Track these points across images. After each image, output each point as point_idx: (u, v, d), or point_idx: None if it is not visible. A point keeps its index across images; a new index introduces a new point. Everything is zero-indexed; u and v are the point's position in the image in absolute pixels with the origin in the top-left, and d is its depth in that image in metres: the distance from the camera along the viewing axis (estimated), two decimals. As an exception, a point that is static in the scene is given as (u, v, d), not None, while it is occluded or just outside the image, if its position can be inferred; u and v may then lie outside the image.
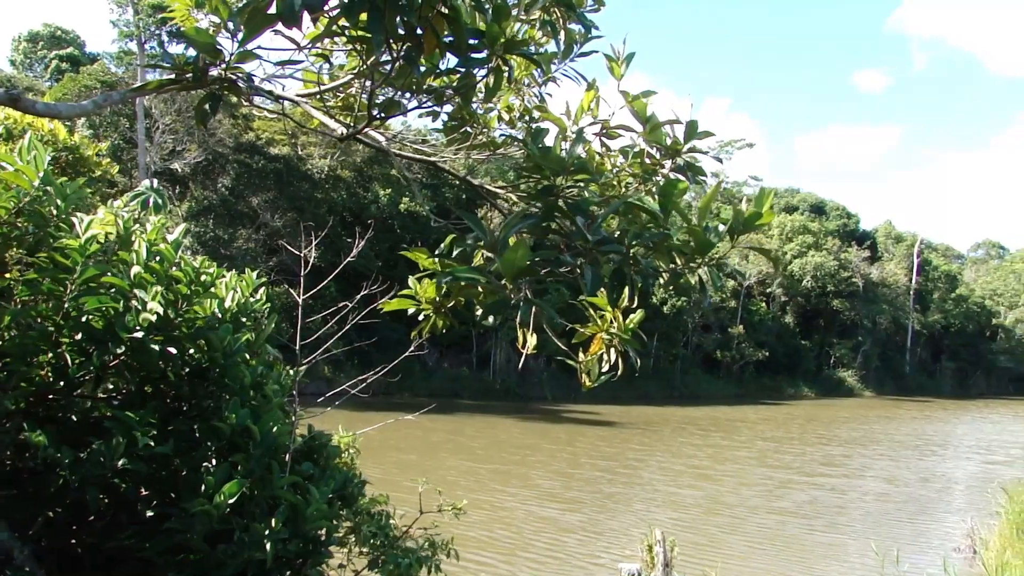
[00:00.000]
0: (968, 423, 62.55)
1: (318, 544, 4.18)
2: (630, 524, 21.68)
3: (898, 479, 31.48)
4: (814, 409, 67.07)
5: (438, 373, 60.54)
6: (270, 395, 4.21)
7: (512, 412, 50.22)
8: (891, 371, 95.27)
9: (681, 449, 37.92)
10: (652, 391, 67.46)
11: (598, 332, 3.50)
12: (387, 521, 6.11)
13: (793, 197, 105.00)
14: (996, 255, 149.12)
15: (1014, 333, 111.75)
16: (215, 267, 4.14)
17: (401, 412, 8.22)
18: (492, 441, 37.17)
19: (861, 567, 17.52)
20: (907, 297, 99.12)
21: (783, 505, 25.43)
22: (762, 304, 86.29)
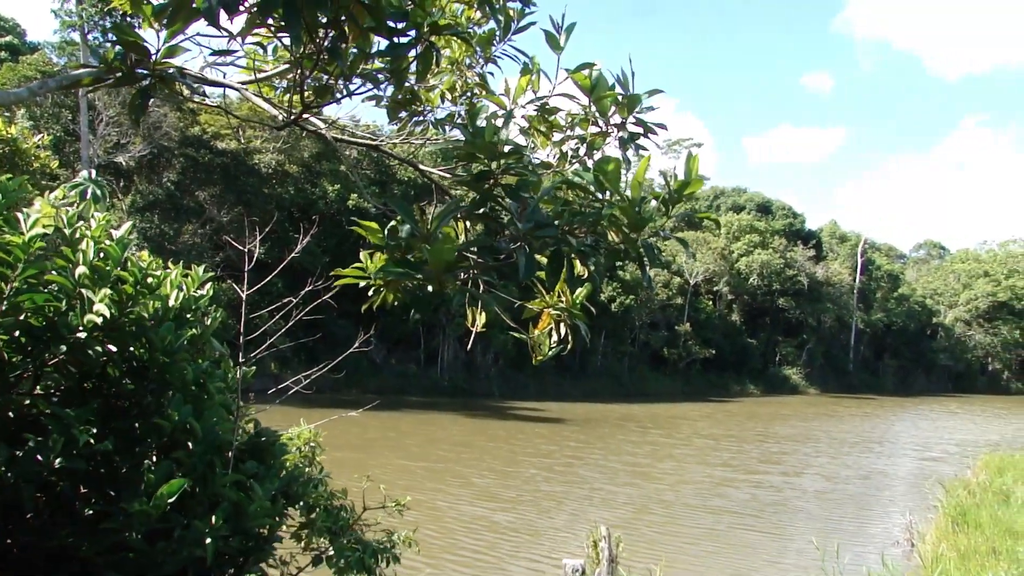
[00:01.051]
0: (907, 420, 63.50)
1: (261, 541, 4.15)
2: (565, 523, 21.57)
3: (838, 476, 31.68)
4: (756, 407, 67.65)
5: (385, 370, 60.27)
6: (213, 392, 4.16)
7: (458, 409, 50.05)
8: (835, 369, 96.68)
9: (622, 447, 37.77)
10: (600, 388, 67.82)
11: (546, 307, 3.51)
12: (344, 514, 6.07)
13: (740, 197, 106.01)
14: (937, 255, 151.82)
15: (953, 332, 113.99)
16: (161, 266, 4.09)
17: (347, 409, 8.15)
18: (430, 438, 36.80)
19: (802, 563, 17.64)
20: (851, 296, 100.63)
21: (722, 503, 25.35)
22: (709, 302, 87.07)
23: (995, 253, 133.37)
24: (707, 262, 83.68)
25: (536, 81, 3.64)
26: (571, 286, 3.53)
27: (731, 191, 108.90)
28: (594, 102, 3.40)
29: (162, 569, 3.57)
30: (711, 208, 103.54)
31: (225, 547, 3.82)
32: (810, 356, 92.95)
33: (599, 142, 3.52)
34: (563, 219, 3.13)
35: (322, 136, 3.83)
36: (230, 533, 3.79)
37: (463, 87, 4.00)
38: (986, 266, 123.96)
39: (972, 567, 14.06)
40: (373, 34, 2.82)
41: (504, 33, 3.76)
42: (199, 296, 4.20)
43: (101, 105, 45.99)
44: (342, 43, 2.81)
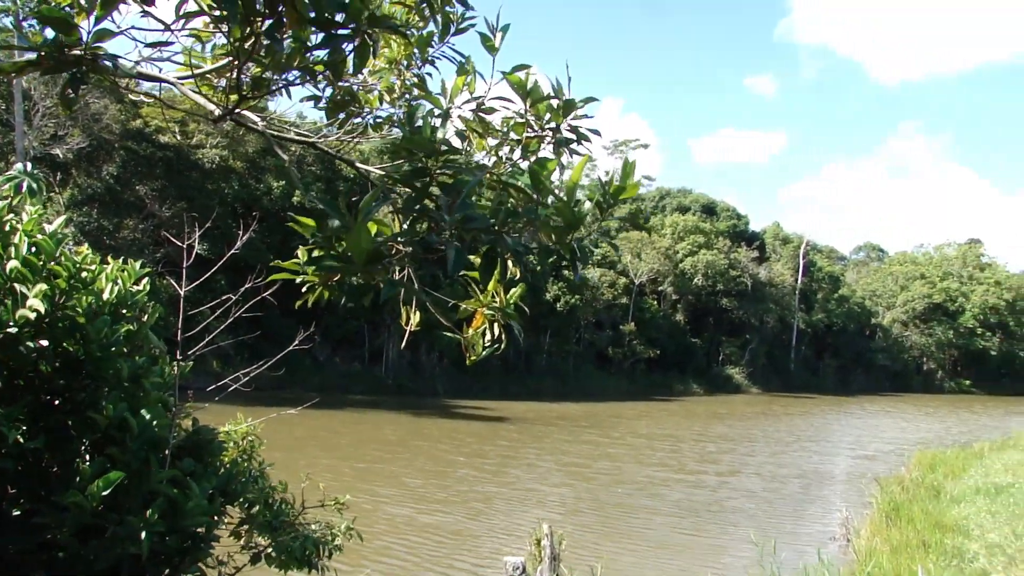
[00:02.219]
0: (845, 419, 64.43)
1: (198, 540, 4.12)
2: (495, 525, 21.42)
3: (775, 475, 31.91)
4: (697, 406, 68.10)
5: (329, 368, 59.88)
6: (149, 389, 4.12)
7: (401, 408, 49.74)
8: (777, 368, 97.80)
9: (559, 446, 37.64)
10: (544, 387, 67.98)
11: (480, 307, 3.53)
12: (285, 507, 6.02)
13: (685, 197, 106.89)
14: (876, 257, 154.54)
15: (891, 332, 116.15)
16: (97, 260, 4.04)
17: (288, 407, 8.08)
18: (363, 438, 36.41)
19: (740, 560, 17.81)
20: (793, 297, 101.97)
21: (658, 503, 25.35)
22: (654, 302, 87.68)
23: (931, 256, 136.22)
24: (652, 262, 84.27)
25: (472, 82, 3.65)
26: (505, 286, 3.55)
27: (676, 192, 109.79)
28: (529, 106, 3.42)
29: (93, 567, 3.52)
30: (657, 208, 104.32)
31: (161, 546, 3.78)
32: (753, 356, 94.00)
33: (534, 145, 3.55)
34: (498, 218, 3.15)
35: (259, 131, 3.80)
36: (166, 531, 3.75)
37: (401, 87, 4.00)
38: (922, 268, 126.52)
39: (903, 560, 14.37)
40: (310, 25, 2.81)
41: (443, 34, 3.78)
42: (136, 291, 4.15)
43: (37, 95, 44.92)
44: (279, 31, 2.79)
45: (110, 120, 49.05)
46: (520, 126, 3.52)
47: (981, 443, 36.88)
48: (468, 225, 2.99)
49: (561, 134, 3.51)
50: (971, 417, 70.10)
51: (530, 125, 3.50)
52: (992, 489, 21.35)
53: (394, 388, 60.20)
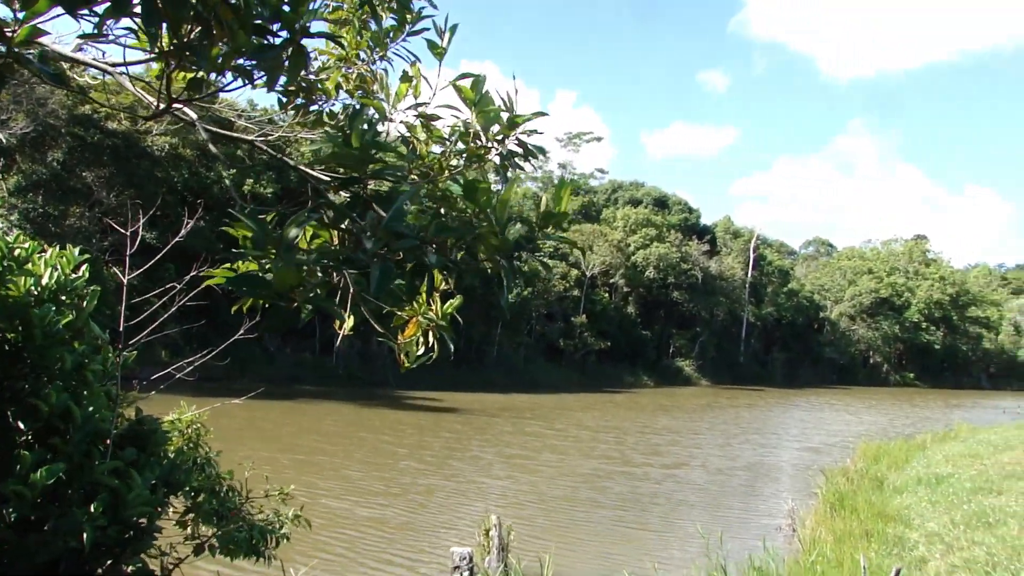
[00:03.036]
0: (792, 411, 65.04)
1: (140, 531, 4.08)
2: (439, 519, 21.15)
3: (722, 467, 31.98)
4: (646, 398, 68.40)
5: (279, 358, 59.45)
6: (91, 378, 4.08)
7: (350, 398, 49.38)
8: (727, 361, 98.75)
9: (506, 438, 37.28)
10: (496, 379, 68.08)
11: (414, 316, 3.54)
12: (231, 496, 5.98)
13: (638, 191, 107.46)
14: (825, 252, 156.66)
15: (838, 326, 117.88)
16: (31, 242, 3.99)
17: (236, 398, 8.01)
18: (305, 428, 35.91)
19: (687, 551, 17.90)
20: (743, 290, 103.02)
21: (602, 495, 25.14)
22: (605, 294, 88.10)
23: (878, 251, 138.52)
24: (604, 255, 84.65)
25: (417, 87, 3.64)
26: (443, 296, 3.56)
27: (629, 185, 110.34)
28: (476, 116, 3.42)
29: (33, 560, 3.49)
30: (609, 201, 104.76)
31: (102, 537, 3.74)
32: (703, 348, 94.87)
33: (480, 155, 3.55)
34: (430, 231, 3.14)
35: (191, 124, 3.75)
36: (108, 523, 3.71)
37: (355, 84, 3.97)
38: (870, 264, 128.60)
39: (846, 549, 14.61)
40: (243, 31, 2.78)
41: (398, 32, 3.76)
42: (75, 278, 4.09)
43: (-24, 80, 43.93)
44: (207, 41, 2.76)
45: (56, 105, 48.10)
46: (466, 136, 3.52)
47: (923, 435, 37.53)
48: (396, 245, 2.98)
49: (507, 147, 3.51)
50: (914, 410, 71.26)
51: (477, 136, 3.50)
52: (933, 479, 21.76)
53: (345, 378, 59.88)
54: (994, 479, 20.33)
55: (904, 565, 12.94)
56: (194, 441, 6.08)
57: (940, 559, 13.18)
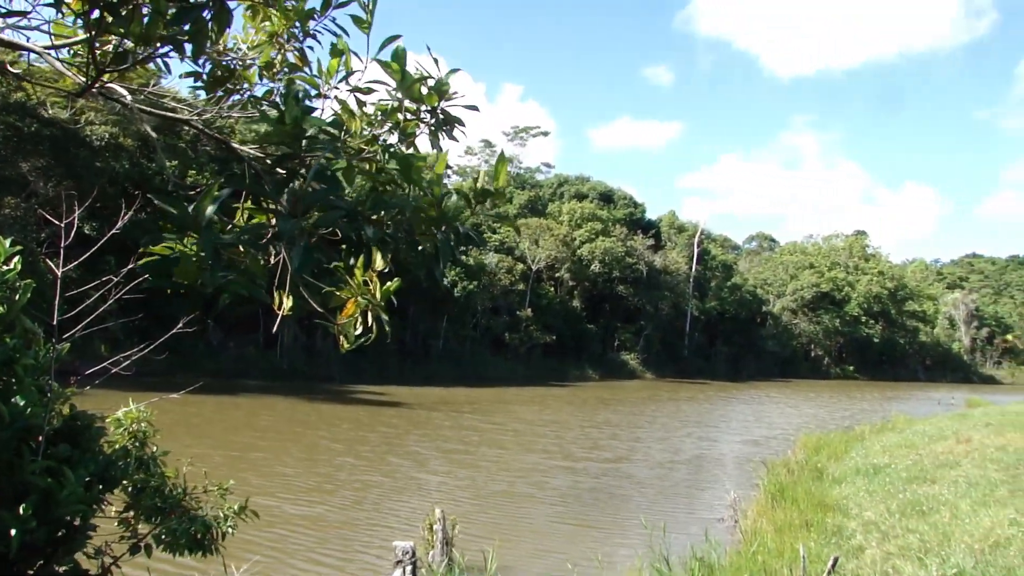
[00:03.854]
0: (734, 404, 65.54)
1: (73, 530, 3.98)
2: (374, 516, 20.72)
3: (664, 460, 31.99)
4: (590, 391, 68.42)
5: (224, 352, 58.83)
6: (23, 373, 3.98)
7: (294, 393, 48.85)
8: (671, 354, 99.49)
9: (446, 432, 36.97)
10: (441, 373, 68.01)
11: (351, 296, 3.52)
12: (174, 491, 5.88)
13: (583, 185, 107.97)
14: (768, 247, 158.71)
15: (781, 320, 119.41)
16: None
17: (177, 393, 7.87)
18: (240, 424, 35.12)
19: (629, 545, 17.97)
20: (687, 284, 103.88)
21: (545, 491, 24.95)
22: (551, 288, 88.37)
23: (820, 246, 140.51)
24: (550, 249, 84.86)
25: (348, 61, 3.60)
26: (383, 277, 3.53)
27: (575, 179, 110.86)
28: (404, 88, 3.40)
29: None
30: (555, 195, 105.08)
31: (31, 538, 3.65)
32: (647, 342, 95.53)
33: (411, 128, 3.53)
34: (366, 206, 3.13)
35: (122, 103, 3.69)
36: (37, 523, 3.62)
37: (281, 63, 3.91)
38: (811, 258, 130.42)
39: (787, 539, 14.83)
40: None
41: (324, 7, 3.70)
42: (7, 271, 3.99)
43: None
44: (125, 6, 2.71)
45: (-12, 93, 47.02)
46: (396, 109, 3.49)
47: (862, 426, 38.08)
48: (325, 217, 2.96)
49: (438, 116, 3.50)
50: (853, 402, 72.34)
51: (406, 108, 3.48)
52: (870, 470, 22.14)
53: (289, 373, 59.43)
54: (928, 468, 20.75)
55: (842, 554, 13.17)
56: (140, 439, 5.98)
57: (876, 547, 13.43)
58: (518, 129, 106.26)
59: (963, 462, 20.89)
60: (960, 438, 25.42)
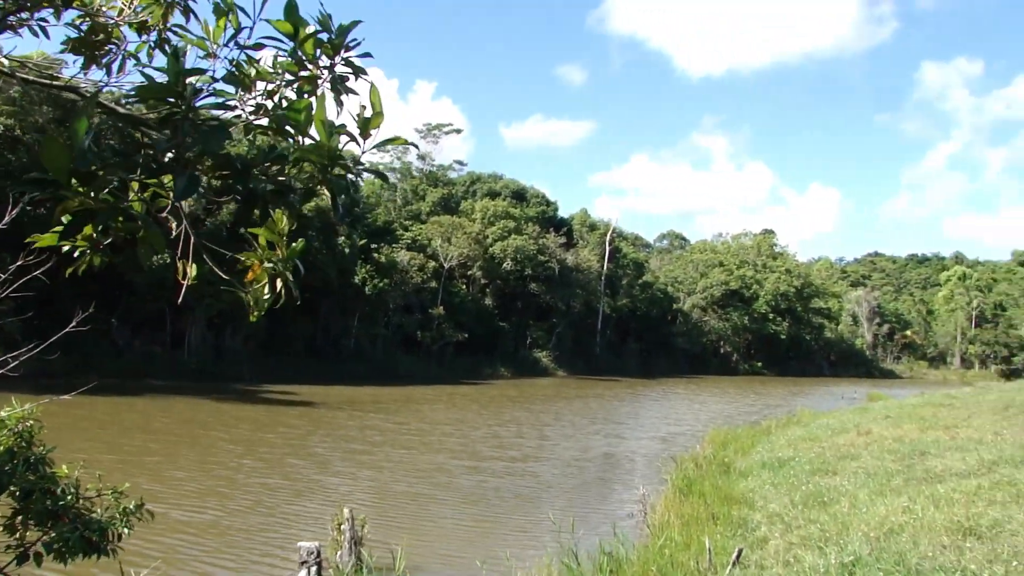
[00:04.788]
0: (644, 401, 66.16)
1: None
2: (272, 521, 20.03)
3: (574, 457, 31.98)
4: (497, 389, 68.17)
5: (128, 352, 57.40)
6: None
7: (201, 393, 47.58)
8: (583, 352, 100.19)
9: (351, 432, 36.35)
10: (353, 371, 67.37)
11: (258, 260, 3.42)
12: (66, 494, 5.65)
13: (496, 183, 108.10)
14: (679, 246, 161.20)
15: (691, 317, 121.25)
16: None
17: (83, 395, 7.57)
18: (133, 426, 33.86)
19: (540, 540, 17.92)
20: (599, 282, 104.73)
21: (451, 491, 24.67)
22: (463, 286, 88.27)
23: (729, 245, 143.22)
24: (462, 246, 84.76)
25: (235, 19, 3.47)
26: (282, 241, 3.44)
27: (487, 177, 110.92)
28: (298, 45, 3.32)
29: None
30: (468, 193, 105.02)
31: None
32: (559, 339, 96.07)
33: (307, 87, 3.44)
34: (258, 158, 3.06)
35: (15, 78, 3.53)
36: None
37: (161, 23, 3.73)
38: (721, 257, 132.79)
39: (694, 532, 15.02)
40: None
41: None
42: None
43: None
44: None
45: None
46: (293, 66, 3.40)
47: (769, 421, 38.91)
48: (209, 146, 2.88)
49: (335, 72, 3.42)
50: (761, 397, 73.74)
51: (303, 64, 3.39)
52: (776, 463, 22.56)
53: (197, 373, 58.15)
54: (830, 460, 21.23)
55: (747, 545, 13.38)
56: (27, 440, 5.74)
57: (779, 537, 13.66)
58: (431, 126, 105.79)
59: (863, 454, 21.42)
60: (861, 431, 26.07)
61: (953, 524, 11.39)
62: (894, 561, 10.16)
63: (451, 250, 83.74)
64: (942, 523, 11.57)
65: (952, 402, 32.29)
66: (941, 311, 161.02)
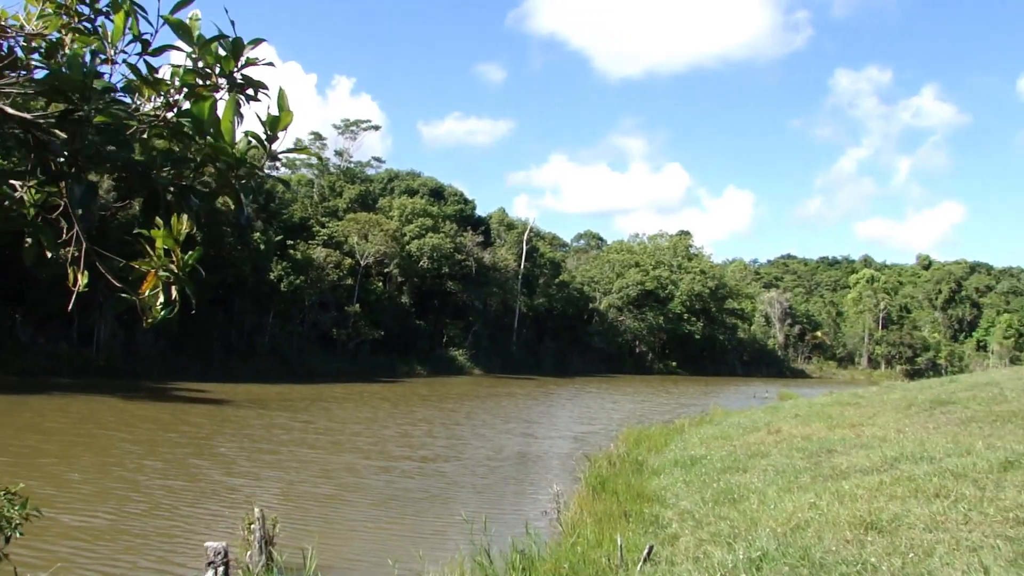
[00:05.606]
0: (559, 400, 66.42)
1: None
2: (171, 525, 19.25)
3: (486, 457, 31.89)
4: (411, 388, 67.81)
5: (33, 349, 55.79)
6: None
7: (108, 392, 46.43)
8: (499, 350, 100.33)
9: (258, 432, 35.39)
10: (267, 369, 66.56)
11: (152, 268, 3.31)
12: None
13: (414, 180, 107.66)
14: (596, 246, 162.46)
15: (607, 317, 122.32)
16: None
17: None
18: (25, 426, 32.57)
19: (452, 539, 17.82)
20: (516, 281, 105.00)
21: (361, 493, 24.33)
22: (379, 284, 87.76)
23: (645, 246, 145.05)
24: (379, 244, 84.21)
25: (135, 24, 3.36)
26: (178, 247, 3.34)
27: (405, 174, 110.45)
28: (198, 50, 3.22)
29: None
30: (385, 190, 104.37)
31: None
32: (476, 338, 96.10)
33: (206, 94, 3.34)
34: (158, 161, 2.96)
35: None
36: None
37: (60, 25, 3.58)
38: (637, 257, 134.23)
39: (606, 529, 15.11)
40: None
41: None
42: None
43: None
44: None
45: None
46: (190, 73, 3.30)
47: (682, 420, 39.30)
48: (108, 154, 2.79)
49: (234, 80, 3.33)
50: (675, 396, 74.65)
51: (201, 72, 3.29)
52: (688, 461, 22.84)
53: (106, 371, 56.78)
54: (741, 458, 21.56)
55: (658, 542, 13.51)
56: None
57: (690, 534, 13.83)
58: (349, 122, 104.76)
59: (772, 452, 21.80)
60: (771, 429, 26.52)
61: (856, 519, 11.65)
62: (799, 556, 10.35)
63: (368, 247, 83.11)
64: (846, 518, 11.82)
65: (858, 401, 33.02)
66: (850, 313, 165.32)
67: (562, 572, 12.80)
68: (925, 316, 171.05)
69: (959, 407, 24.29)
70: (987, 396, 25.32)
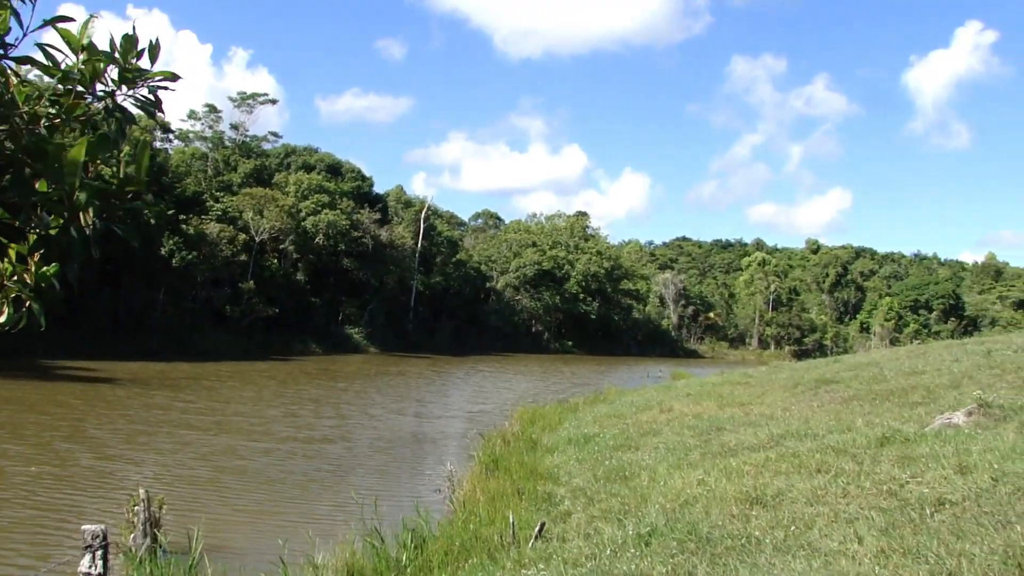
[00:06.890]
0: (453, 378, 66.44)
1: None
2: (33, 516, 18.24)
3: (377, 436, 31.66)
4: (303, 365, 67.33)
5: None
6: None
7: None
8: (396, 328, 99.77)
9: (138, 413, 34.06)
10: (158, 346, 64.85)
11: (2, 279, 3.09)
12: None
13: (311, 156, 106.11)
14: (493, 225, 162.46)
15: (503, 296, 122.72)
16: None
17: None
18: None
19: (343, 519, 17.55)
20: (413, 259, 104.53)
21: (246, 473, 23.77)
22: (274, 260, 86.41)
23: (543, 226, 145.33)
24: (274, 220, 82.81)
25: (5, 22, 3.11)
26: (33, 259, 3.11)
27: (303, 150, 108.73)
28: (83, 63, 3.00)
29: None
30: (281, 166, 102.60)
31: None
32: (372, 316, 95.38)
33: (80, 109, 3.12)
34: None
35: None
36: None
37: None
38: (534, 237, 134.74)
39: (498, 507, 15.14)
40: None
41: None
42: None
43: None
44: None
45: None
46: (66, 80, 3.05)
47: (576, 398, 39.69)
48: None
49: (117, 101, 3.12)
50: (571, 375, 75.29)
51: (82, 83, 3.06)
52: (581, 439, 23.00)
53: (-18, 347, 54.46)
54: (633, 436, 21.82)
55: (550, 519, 13.57)
56: None
57: (582, 511, 13.94)
58: (245, 95, 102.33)
59: (664, 430, 22.13)
60: (663, 408, 26.91)
61: (742, 494, 11.88)
62: (687, 531, 10.51)
63: (263, 223, 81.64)
64: (732, 494, 12.05)
65: (748, 380, 33.68)
66: (742, 294, 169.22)
67: (454, 549, 12.78)
68: (813, 299, 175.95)
69: (842, 386, 25.00)
70: (868, 376, 26.11)
